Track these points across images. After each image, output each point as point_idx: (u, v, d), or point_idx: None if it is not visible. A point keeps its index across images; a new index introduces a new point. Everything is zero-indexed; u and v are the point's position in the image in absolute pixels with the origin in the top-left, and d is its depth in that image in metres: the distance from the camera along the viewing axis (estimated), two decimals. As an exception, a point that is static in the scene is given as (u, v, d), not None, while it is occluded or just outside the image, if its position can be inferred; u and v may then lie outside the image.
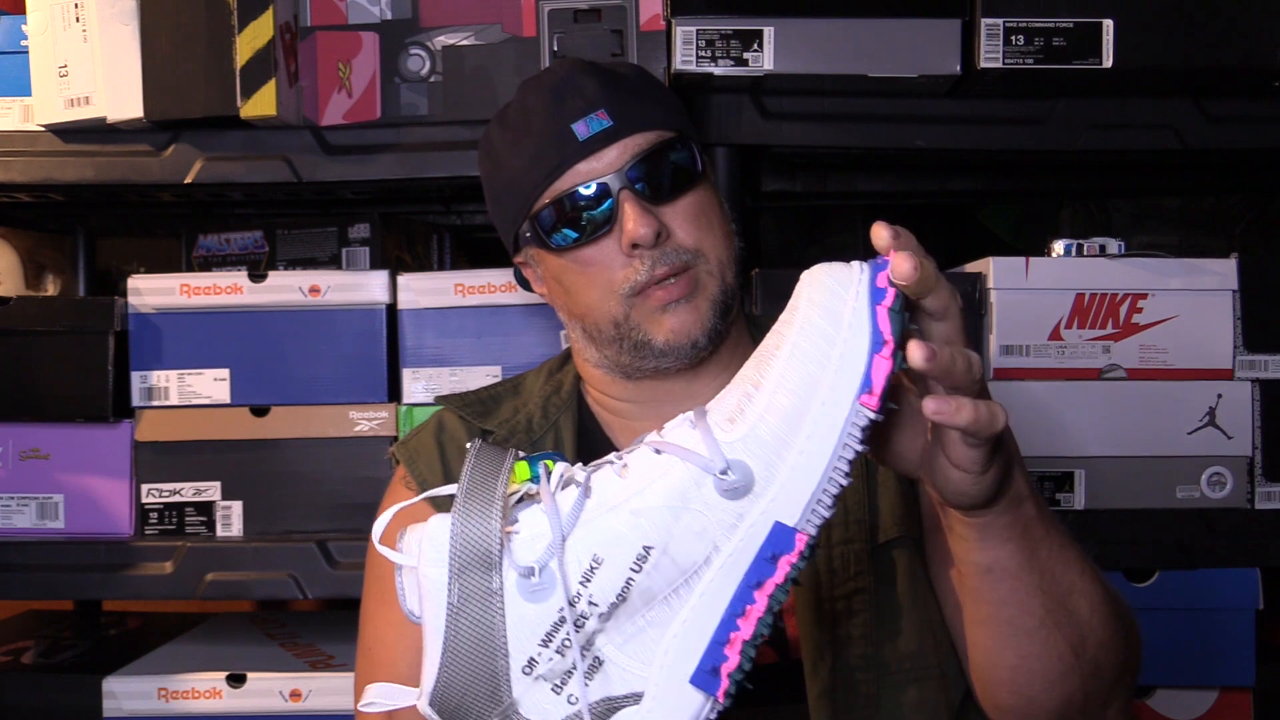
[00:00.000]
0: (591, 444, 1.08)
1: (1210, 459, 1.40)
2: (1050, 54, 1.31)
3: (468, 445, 0.75)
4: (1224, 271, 1.40)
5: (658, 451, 0.69)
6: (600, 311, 1.03)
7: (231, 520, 1.46)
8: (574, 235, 1.02)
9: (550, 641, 0.67)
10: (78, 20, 1.36)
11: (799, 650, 0.98)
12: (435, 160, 1.39)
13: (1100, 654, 0.85)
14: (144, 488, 1.47)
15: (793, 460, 0.66)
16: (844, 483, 0.67)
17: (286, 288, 1.46)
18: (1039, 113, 1.39)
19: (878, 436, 0.76)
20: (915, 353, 0.67)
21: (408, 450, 1.09)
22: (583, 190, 1.00)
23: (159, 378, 1.47)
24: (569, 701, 0.67)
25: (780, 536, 0.66)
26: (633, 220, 0.98)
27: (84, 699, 1.45)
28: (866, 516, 1.01)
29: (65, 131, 1.40)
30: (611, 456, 0.73)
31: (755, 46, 1.32)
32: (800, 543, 0.66)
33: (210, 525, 1.47)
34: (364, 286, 1.46)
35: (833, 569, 0.99)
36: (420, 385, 1.46)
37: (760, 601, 0.66)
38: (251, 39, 1.31)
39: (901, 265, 0.68)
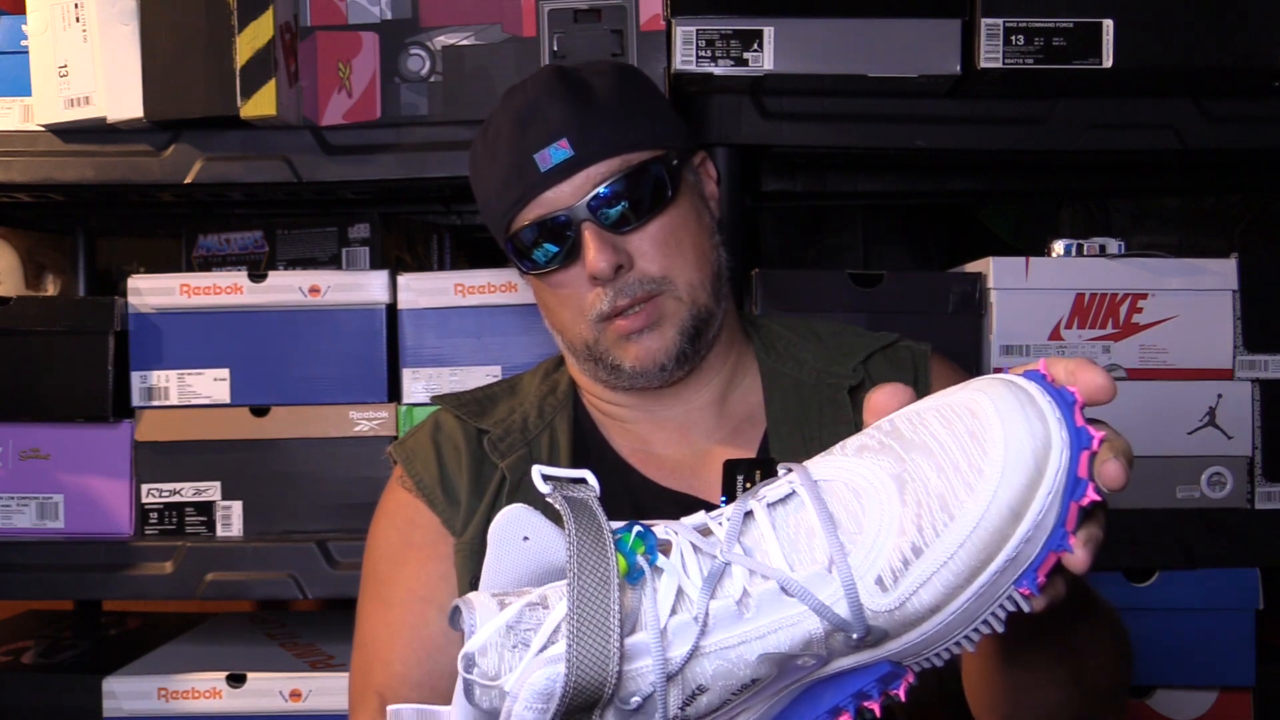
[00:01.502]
0: (587, 445, 1.08)
1: (1210, 459, 1.40)
2: (1050, 54, 1.31)
3: (546, 494, 0.62)
4: (1224, 271, 1.40)
5: (786, 592, 0.60)
6: (573, 332, 1.05)
7: (231, 520, 1.46)
8: (543, 261, 1.03)
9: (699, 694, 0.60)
10: (78, 20, 1.36)
11: None
12: (435, 160, 1.39)
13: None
14: (144, 488, 1.47)
15: (926, 628, 0.60)
16: (957, 651, 0.62)
17: (286, 288, 1.46)
18: (1039, 113, 1.39)
19: None
20: (1079, 562, 0.59)
21: (404, 450, 1.09)
22: (547, 220, 1.01)
23: (159, 378, 1.47)
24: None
25: (887, 672, 0.62)
26: (591, 253, 0.99)
27: (84, 699, 1.45)
28: None
29: (65, 131, 1.40)
30: (724, 538, 0.61)
31: (755, 46, 1.32)
32: (903, 683, 0.62)
33: (210, 525, 1.47)
34: (364, 286, 1.46)
35: None
36: (420, 385, 1.46)
37: None
38: (251, 39, 1.31)
39: (1115, 474, 0.58)
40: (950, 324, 1.41)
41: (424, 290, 1.46)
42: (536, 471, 0.62)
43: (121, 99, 1.35)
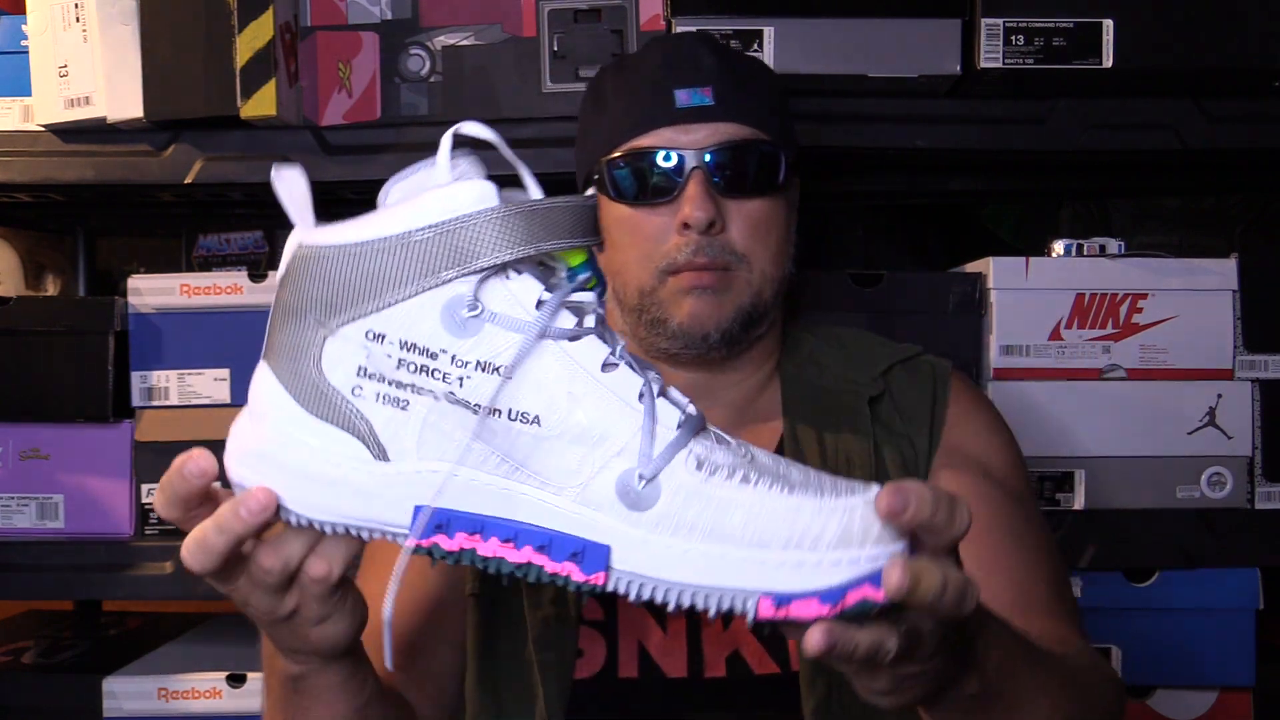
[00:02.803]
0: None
1: (1210, 459, 1.40)
2: (1050, 54, 1.31)
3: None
4: (1224, 271, 1.40)
5: (656, 395, 0.63)
6: (631, 275, 1.03)
7: (231, 520, 1.46)
8: (636, 193, 1.02)
9: (407, 350, 0.62)
10: (78, 20, 1.36)
11: (799, 664, 0.98)
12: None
13: None
14: (144, 488, 1.46)
15: (677, 550, 0.59)
16: (674, 609, 0.60)
17: (286, 288, 1.45)
18: (1039, 113, 1.39)
19: None
20: (813, 639, 0.57)
21: None
22: (661, 154, 1.01)
23: (159, 378, 1.46)
24: (352, 391, 0.63)
25: (596, 557, 0.60)
26: (693, 200, 0.99)
27: (84, 699, 1.45)
28: None
29: (65, 131, 1.40)
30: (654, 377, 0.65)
31: (755, 46, 1.32)
32: (593, 579, 0.60)
33: (210, 525, 1.46)
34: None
35: None
36: (420, 385, 1.46)
37: (520, 556, 0.60)
38: (251, 39, 1.31)
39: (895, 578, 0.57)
40: (950, 324, 1.41)
41: (424, 290, 1.46)
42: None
43: (121, 99, 1.35)
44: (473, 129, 0.65)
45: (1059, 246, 1.41)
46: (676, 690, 1.00)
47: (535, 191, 0.65)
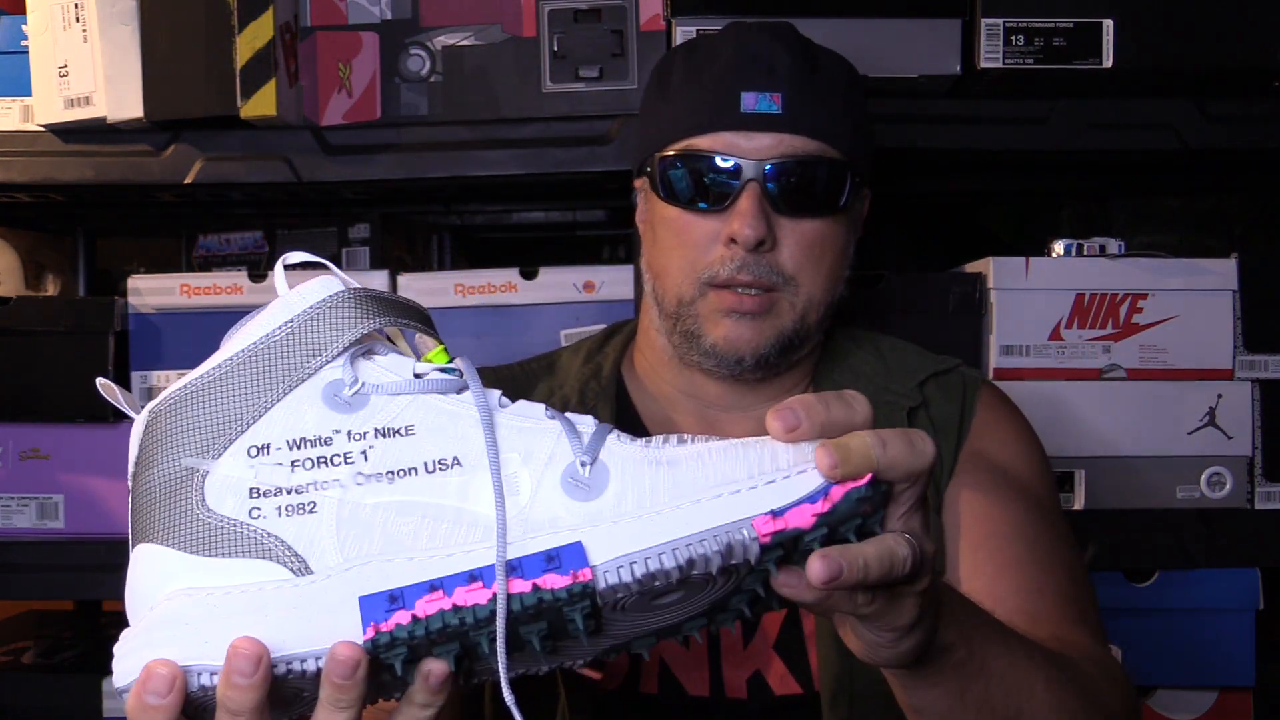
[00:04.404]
0: (630, 432, 1.03)
1: (1210, 459, 1.40)
2: (1050, 54, 1.31)
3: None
4: (1224, 271, 1.40)
5: (550, 415, 0.62)
6: (672, 281, 0.99)
7: (231, 520, 1.46)
8: (687, 196, 0.97)
9: (297, 448, 0.59)
10: (78, 20, 1.36)
11: (820, 684, 0.96)
12: (435, 160, 1.39)
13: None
14: (144, 488, 1.46)
15: (655, 512, 0.57)
16: (674, 578, 0.56)
17: (286, 288, 1.45)
18: (1039, 113, 1.39)
19: None
20: (817, 568, 0.56)
21: None
22: (718, 159, 0.96)
23: (159, 378, 1.46)
24: (250, 514, 0.58)
25: (572, 555, 0.56)
26: (743, 215, 0.94)
27: (84, 699, 1.45)
28: None
29: (65, 131, 1.40)
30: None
31: (755, 46, 1.32)
32: (579, 577, 0.56)
33: (210, 525, 1.46)
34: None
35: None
36: (420, 385, 1.46)
37: (495, 590, 0.56)
38: (251, 39, 1.31)
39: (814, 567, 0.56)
40: (950, 324, 1.41)
41: (424, 290, 1.46)
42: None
43: (121, 99, 1.35)
44: (297, 257, 0.66)
45: (1059, 246, 1.41)
46: (698, 709, 0.98)
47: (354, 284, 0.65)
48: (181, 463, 0.60)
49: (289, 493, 0.58)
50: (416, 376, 0.62)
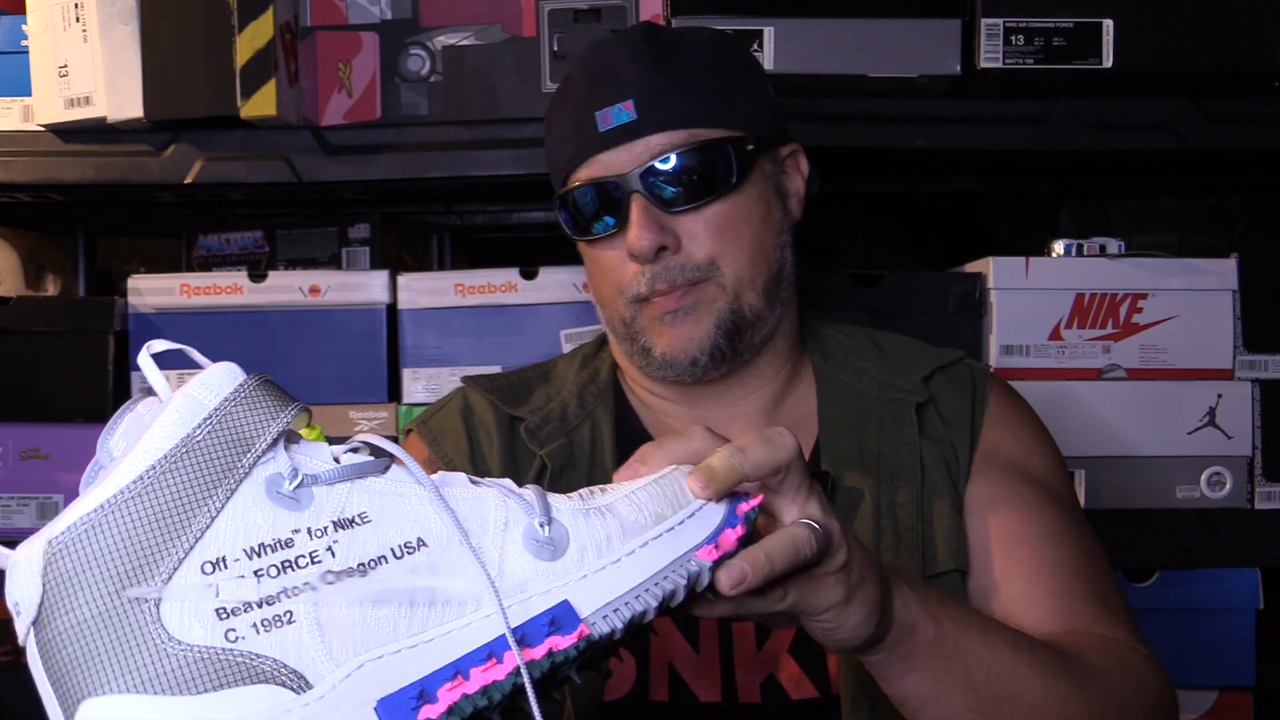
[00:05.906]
0: (631, 436, 1.02)
1: (1210, 459, 1.40)
2: (1050, 54, 1.31)
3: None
4: (1224, 271, 1.40)
5: (474, 483, 0.62)
6: (611, 309, 1.00)
7: (231, 520, 1.46)
8: (588, 226, 0.97)
9: (258, 556, 0.54)
10: (78, 20, 1.36)
11: (840, 686, 0.95)
12: (435, 160, 1.39)
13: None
14: (144, 488, 1.46)
15: (614, 560, 0.60)
16: (653, 614, 0.60)
17: (286, 288, 1.46)
18: (1039, 113, 1.39)
19: None
20: (724, 579, 0.62)
21: (431, 430, 1.04)
22: (599, 185, 0.95)
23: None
24: (226, 637, 0.53)
25: (565, 614, 0.58)
26: (635, 230, 0.93)
27: (84, 699, 1.45)
28: (919, 543, 0.96)
29: (65, 131, 1.40)
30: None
31: (755, 46, 1.32)
32: (581, 633, 0.57)
33: (210, 525, 1.46)
34: (364, 286, 1.46)
35: None
36: (420, 385, 1.46)
37: (508, 663, 0.56)
38: (251, 39, 1.31)
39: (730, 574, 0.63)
40: (950, 324, 1.41)
41: (424, 290, 1.46)
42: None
43: (121, 99, 1.35)
44: (161, 345, 0.63)
45: (1059, 246, 1.41)
46: (710, 716, 0.97)
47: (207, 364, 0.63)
48: (122, 595, 0.53)
49: (260, 605, 0.54)
50: (336, 461, 0.59)
